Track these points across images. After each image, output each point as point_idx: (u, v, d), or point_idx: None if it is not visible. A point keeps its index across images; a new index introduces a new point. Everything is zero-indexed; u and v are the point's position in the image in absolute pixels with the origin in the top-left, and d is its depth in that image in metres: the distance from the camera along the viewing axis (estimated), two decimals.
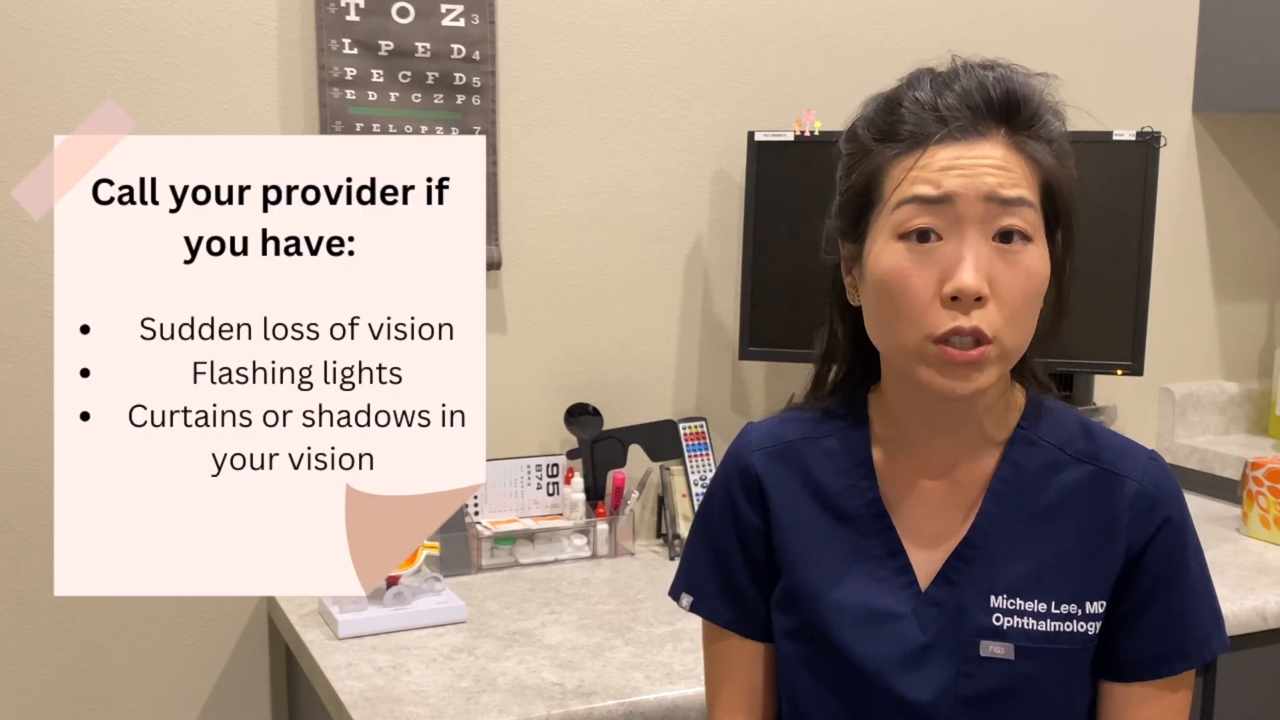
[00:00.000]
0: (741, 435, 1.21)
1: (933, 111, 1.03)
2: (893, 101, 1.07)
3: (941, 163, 1.02)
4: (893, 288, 1.03)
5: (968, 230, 1.01)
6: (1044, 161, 1.04)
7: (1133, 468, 1.10)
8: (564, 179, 2.04)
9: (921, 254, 1.02)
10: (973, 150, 1.02)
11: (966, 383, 1.02)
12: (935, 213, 1.02)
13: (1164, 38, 2.46)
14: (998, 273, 1.01)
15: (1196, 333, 2.59)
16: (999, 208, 1.01)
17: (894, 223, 1.04)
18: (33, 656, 1.80)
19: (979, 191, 1.01)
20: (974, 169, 1.01)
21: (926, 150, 1.03)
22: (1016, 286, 1.02)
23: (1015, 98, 1.04)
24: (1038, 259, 1.03)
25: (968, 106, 1.03)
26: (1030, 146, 1.04)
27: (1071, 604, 1.08)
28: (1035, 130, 1.05)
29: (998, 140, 1.03)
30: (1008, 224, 1.01)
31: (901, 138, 1.05)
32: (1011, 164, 1.02)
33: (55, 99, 1.74)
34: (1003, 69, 1.06)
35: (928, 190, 1.02)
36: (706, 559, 1.20)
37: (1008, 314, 1.02)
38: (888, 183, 1.05)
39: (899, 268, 1.03)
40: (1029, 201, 1.03)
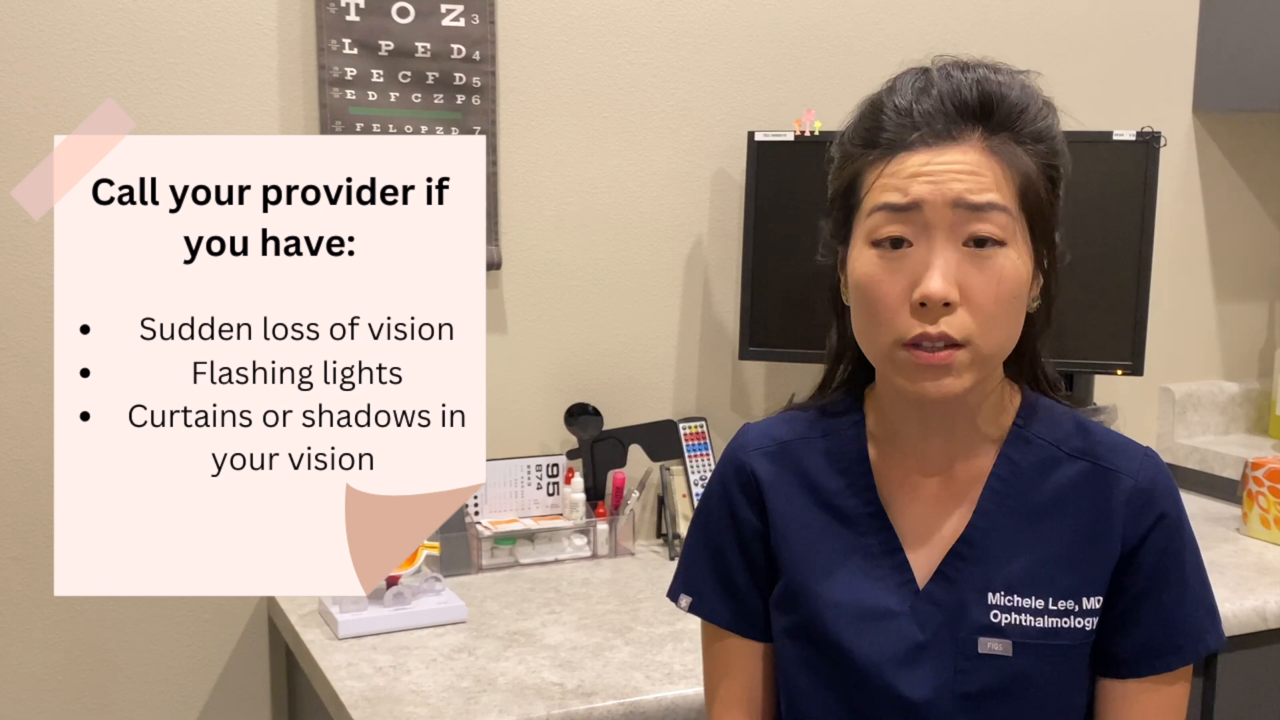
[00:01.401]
0: (738, 436, 1.21)
1: (908, 117, 1.04)
2: (875, 107, 1.08)
3: (910, 169, 1.03)
4: (867, 293, 1.05)
5: (936, 236, 1.02)
6: (1022, 164, 1.04)
7: (1128, 464, 1.10)
8: (564, 179, 2.04)
9: (892, 260, 1.03)
10: (942, 156, 1.02)
11: (937, 385, 1.03)
12: (904, 220, 1.03)
13: (1164, 38, 2.46)
14: (968, 278, 1.02)
15: (1196, 333, 2.59)
16: (968, 213, 1.01)
17: (867, 229, 1.05)
18: (33, 656, 1.80)
19: (945, 198, 1.01)
20: (941, 175, 1.02)
21: (896, 157, 1.04)
22: (989, 291, 1.02)
23: (991, 100, 1.04)
24: (1012, 262, 1.03)
25: (942, 112, 1.03)
26: (1007, 149, 1.04)
27: (1069, 600, 1.08)
28: (1016, 130, 1.04)
29: (972, 144, 1.03)
30: (977, 230, 1.02)
31: (874, 143, 1.06)
32: (984, 168, 1.02)
33: (55, 99, 1.74)
34: (983, 70, 1.06)
35: (895, 198, 1.03)
36: (704, 559, 1.20)
37: (980, 318, 1.02)
38: (863, 189, 1.06)
39: (871, 274, 1.04)
40: (1000, 206, 1.02)
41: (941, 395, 1.03)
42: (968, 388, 1.04)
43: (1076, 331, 2.03)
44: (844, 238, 1.10)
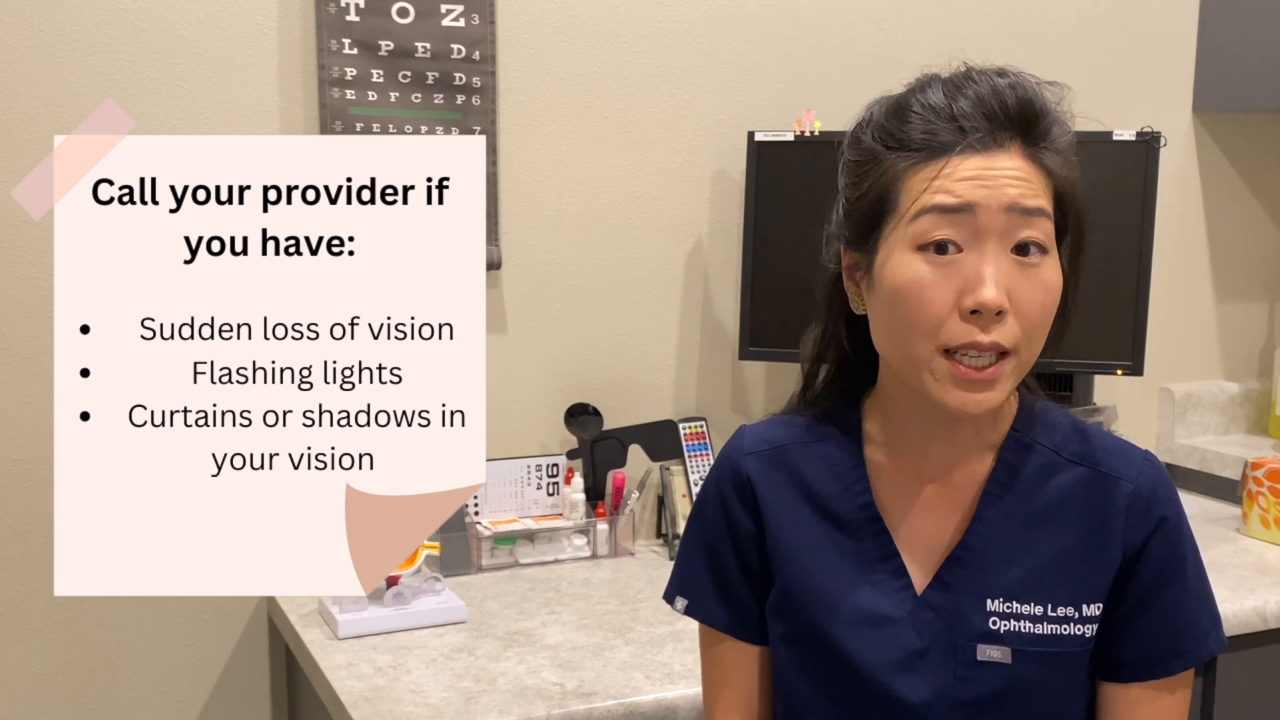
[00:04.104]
0: (733, 439, 1.20)
1: (948, 119, 1.02)
2: (902, 107, 1.05)
3: (964, 173, 1.01)
4: (908, 298, 1.02)
5: (988, 242, 1.00)
6: (1057, 173, 1.04)
7: (1127, 469, 1.10)
8: (564, 179, 2.04)
9: (940, 266, 1.01)
10: (994, 161, 1.01)
11: (980, 399, 1.02)
12: (956, 223, 1.00)
13: (1164, 38, 2.46)
14: (1017, 286, 1.00)
15: (1196, 333, 2.59)
16: (1019, 219, 1.00)
17: (912, 234, 1.02)
18: (33, 656, 1.80)
19: (1001, 203, 1.00)
20: (996, 180, 1.00)
21: (949, 160, 1.01)
22: (1035, 300, 1.01)
23: (1032, 109, 1.03)
24: (1053, 271, 1.03)
25: (983, 114, 1.02)
26: (1045, 157, 1.03)
27: (1068, 607, 1.08)
28: (1052, 139, 1.04)
29: (1015, 151, 1.02)
30: (1027, 235, 1.01)
31: (915, 146, 1.03)
32: (1030, 175, 1.02)
33: (55, 99, 1.74)
34: (1014, 75, 1.04)
35: (949, 200, 1.00)
36: (701, 562, 1.19)
37: (1026, 327, 1.01)
38: (905, 194, 1.03)
39: (917, 279, 1.01)
40: (1047, 212, 1.02)
41: (981, 411, 1.02)
42: (1004, 400, 1.04)
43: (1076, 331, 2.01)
44: (867, 244, 1.07)
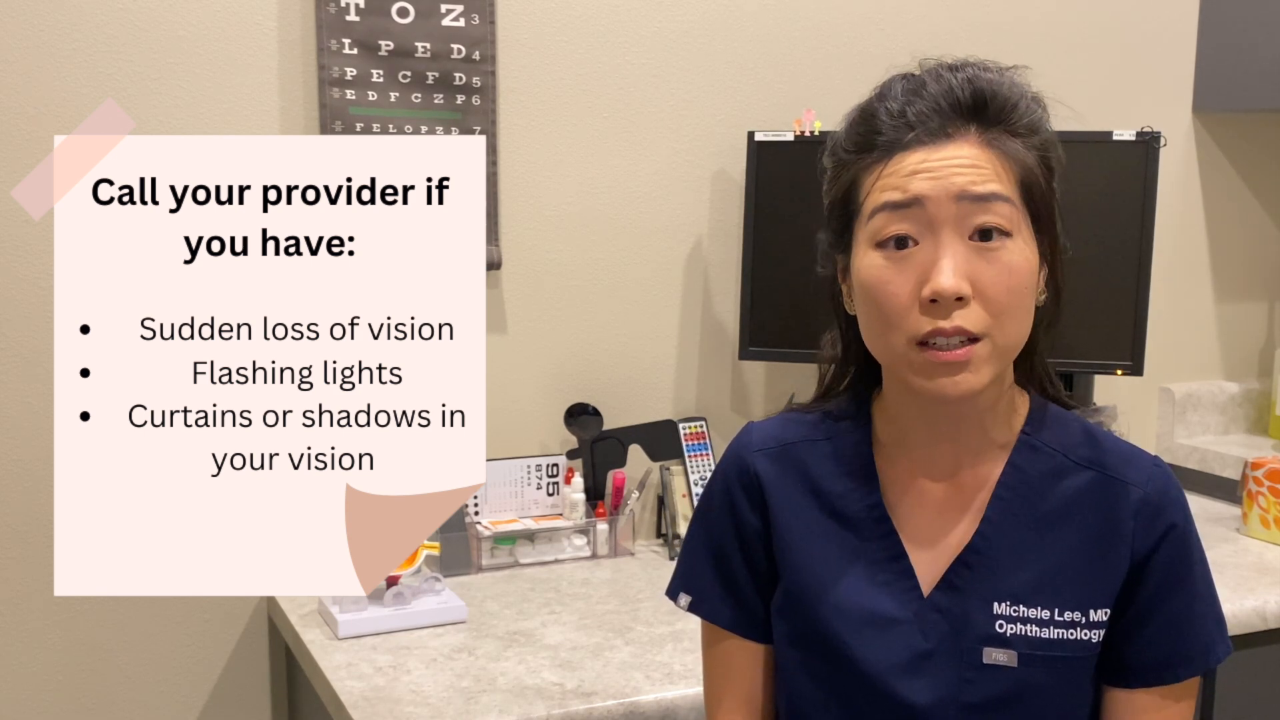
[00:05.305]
0: (741, 435, 1.20)
1: (899, 117, 1.04)
2: (866, 113, 1.07)
3: (909, 167, 1.02)
4: (875, 295, 1.04)
5: (942, 232, 1.01)
6: (1020, 156, 1.04)
7: (1137, 474, 1.09)
8: (564, 179, 2.04)
9: (899, 260, 1.02)
10: (940, 152, 1.02)
11: (955, 382, 1.02)
12: (907, 217, 1.02)
13: (1164, 38, 2.46)
14: (978, 271, 1.01)
15: (1196, 333, 2.59)
16: (972, 205, 1.01)
17: (870, 232, 1.04)
18: (33, 656, 1.80)
19: (949, 192, 1.01)
20: (942, 169, 1.01)
21: (893, 158, 1.03)
22: (1000, 283, 1.01)
23: (983, 95, 1.03)
24: (1019, 254, 1.03)
25: (934, 109, 1.03)
26: (1005, 142, 1.04)
27: (1075, 611, 1.07)
28: (1010, 124, 1.04)
29: (969, 139, 1.03)
30: (983, 221, 1.01)
31: (867, 146, 1.05)
32: (983, 161, 1.02)
33: (55, 99, 1.74)
34: (972, 69, 1.06)
35: (896, 196, 1.02)
36: (705, 559, 1.19)
37: (994, 310, 1.01)
38: (861, 193, 1.06)
39: (879, 275, 1.03)
40: (1004, 196, 1.02)
41: (960, 394, 1.02)
42: (985, 384, 1.03)
43: (1076, 331, 2.03)
44: (844, 246, 1.09)
